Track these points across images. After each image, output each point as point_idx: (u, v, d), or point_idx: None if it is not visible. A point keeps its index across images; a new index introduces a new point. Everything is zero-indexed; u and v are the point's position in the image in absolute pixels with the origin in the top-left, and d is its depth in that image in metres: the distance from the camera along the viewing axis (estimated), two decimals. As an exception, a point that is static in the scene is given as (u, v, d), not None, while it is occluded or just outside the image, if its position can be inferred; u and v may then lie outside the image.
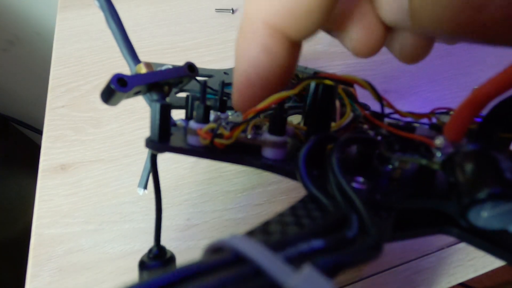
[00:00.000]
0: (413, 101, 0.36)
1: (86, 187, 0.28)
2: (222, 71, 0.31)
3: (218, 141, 0.13)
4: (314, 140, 0.12)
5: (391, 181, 0.12)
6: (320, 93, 0.13)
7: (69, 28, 0.47)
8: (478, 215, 0.09)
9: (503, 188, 0.09)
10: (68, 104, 0.35)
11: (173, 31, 0.43)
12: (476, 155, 0.10)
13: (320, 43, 0.41)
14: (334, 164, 0.11)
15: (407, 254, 0.23)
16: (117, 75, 0.13)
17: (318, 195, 0.11)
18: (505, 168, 0.09)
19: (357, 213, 0.09)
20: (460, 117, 0.11)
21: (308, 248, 0.08)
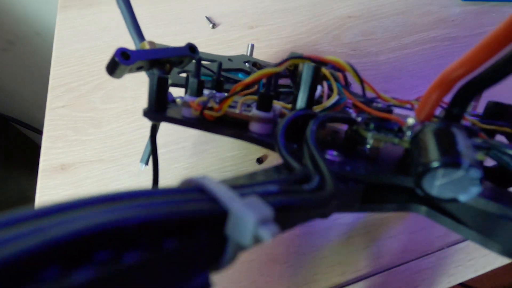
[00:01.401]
0: (413, 101, 0.36)
1: (86, 187, 0.28)
2: (227, 57, 0.31)
3: (208, 113, 0.15)
4: (294, 115, 0.13)
5: (365, 160, 0.13)
6: (302, 72, 0.14)
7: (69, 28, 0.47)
8: (432, 184, 0.10)
9: (452, 157, 0.09)
10: (68, 104, 0.35)
11: (173, 31, 0.43)
12: (436, 131, 0.11)
13: (320, 43, 0.41)
14: (309, 135, 0.12)
15: (407, 254, 0.23)
16: (121, 49, 0.14)
17: (289, 160, 0.11)
18: (459, 141, 0.10)
19: (321, 175, 0.10)
20: (429, 98, 0.12)
21: (262, 190, 0.08)
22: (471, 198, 0.10)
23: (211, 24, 0.46)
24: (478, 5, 0.49)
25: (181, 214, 0.07)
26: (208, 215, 0.07)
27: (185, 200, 0.07)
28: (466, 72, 0.11)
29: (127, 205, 0.06)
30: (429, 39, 0.43)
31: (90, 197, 0.06)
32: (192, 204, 0.07)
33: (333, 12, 0.47)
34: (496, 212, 0.11)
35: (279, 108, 0.16)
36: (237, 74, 0.30)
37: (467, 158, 0.10)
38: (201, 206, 0.07)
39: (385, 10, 0.49)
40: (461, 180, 0.10)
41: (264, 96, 0.14)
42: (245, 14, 0.48)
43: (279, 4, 0.51)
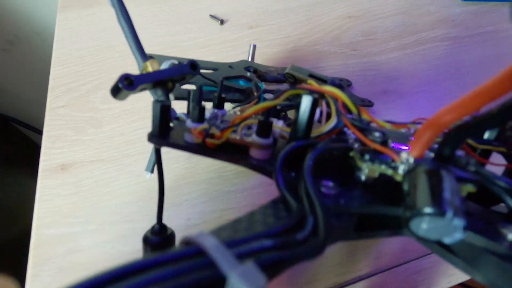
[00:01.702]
0: (413, 101, 0.36)
1: (86, 187, 0.28)
2: (227, 64, 0.31)
3: (209, 141, 0.15)
4: (291, 147, 0.14)
5: (360, 187, 0.14)
6: (301, 103, 0.15)
7: (69, 28, 0.47)
8: (419, 226, 0.11)
9: (438, 206, 0.10)
10: (68, 104, 0.35)
11: (173, 31, 0.43)
12: (426, 173, 0.12)
13: (320, 43, 0.41)
14: (306, 170, 0.13)
15: (407, 254, 0.23)
16: (125, 75, 0.14)
17: (287, 196, 0.12)
18: (446, 188, 0.11)
19: (315, 216, 0.11)
20: (421, 137, 0.12)
21: (258, 246, 0.09)
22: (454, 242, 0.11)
23: (218, 21, 0.46)
24: (478, 5, 0.49)
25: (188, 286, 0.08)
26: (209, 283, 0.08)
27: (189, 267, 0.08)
28: (457, 117, 0.11)
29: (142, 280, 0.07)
30: (429, 39, 0.43)
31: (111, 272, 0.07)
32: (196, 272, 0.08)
33: (333, 12, 0.47)
34: (481, 245, 0.12)
35: (278, 132, 0.16)
36: (238, 82, 0.30)
37: (451, 207, 0.10)
38: (204, 274, 0.08)
39: (385, 10, 0.49)
40: (446, 226, 0.11)
41: (263, 124, 0.15)
42: (245, 14, 0.48)
43: (279, 4, 0.51)
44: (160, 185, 0.18)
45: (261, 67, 0.32)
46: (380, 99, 0.35)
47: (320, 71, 0.38)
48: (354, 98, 0.34)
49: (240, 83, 0.30)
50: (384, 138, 0.14)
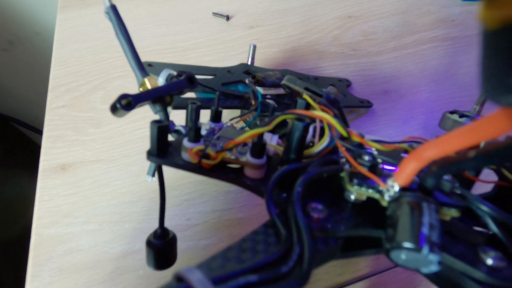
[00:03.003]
0: (413, 101, 0.36)
1: (86, 187, 0.28)
2: (226, 69, 0.31)
3: (205, 162, 0.16)
4: (281, 172, 0.15)
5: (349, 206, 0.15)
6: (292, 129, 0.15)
7: (69, 28, 0.47)
8: (398, 257, 0.12)
9: (415, 243, 0.11)
10: (68, 104, 0.35)
11: (173, 31, 0.43)
12: (408, 205, 0.12)
13: (320, 43, 0.41)
14: (294, 198, 0.13)
15: (407, 254, 0.23)
16: (123, 95, 0.15)
17: (277, 223, 0.13)
18: (425, 223, 0.12)
19: (301, 245, 0.12)
20: (405, 168, 0.13)
21: (244, 282, 0.10)
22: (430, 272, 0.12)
23: (224, 17, 0.46)
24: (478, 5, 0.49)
25: None
26: None
27: None
28: (439, 154, 0.12)
29: None
30: (429, 39, 0.43)
31: None
32: None
33: (333, 12, 0.47)
34: (460, 270, 0.12)
35: (272, 150, 0.17)
36: (237, 87, 0.29)
37: (428, 243, 0.11)
38: None
39: (385, 10, 0.49)
40: (422, 260, 0.11)
41: (257, 145, 0.15)
42: (245, 14, 0.48)
43: (279, 4, 0.51)
44: (161, 191, 0.18)
45: (259, 70, 0.31)
46: (380, 99, 0.35)
47: (320, 71, 0.38)
48: (353, 98, 0.34)
49: (239, 88, 0.29)
50: (373, 162, 0.15)
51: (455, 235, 0.14)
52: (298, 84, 0.21)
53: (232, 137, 0.17)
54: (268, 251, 0.12)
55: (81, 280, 0.23)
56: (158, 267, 0.19)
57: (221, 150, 0.16)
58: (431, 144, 0.12)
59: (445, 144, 0.12)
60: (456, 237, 0.14)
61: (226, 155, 0.16)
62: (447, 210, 0.14)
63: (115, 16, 0.20)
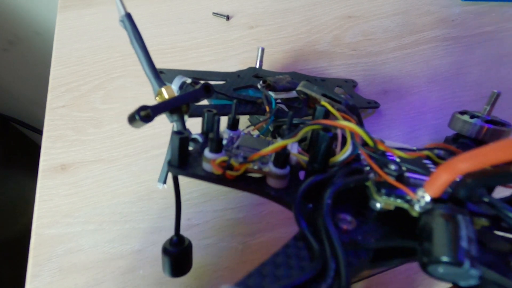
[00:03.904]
0: (413, 101, 0.36)
1: (86, 187, 0.28)
2: (236, 74, 0.31)
3: (229, 173, 0.16)
4: (308, 183, 0.15)
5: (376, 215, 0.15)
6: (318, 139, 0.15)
7: (69, 28, 0.47)
8: (435, 270, 0.12)
9: (455, 257, 0.11)
10: (68, 104, 0.35)
11: (173, 31, 0.42)
12: (443, 218, 0.12)
13: (320, 43, 0.41)
14: (325, 211, 0.13)
15: (407, 254, 0.23)
16: (142, 107, 0.14)
17: (309, 238, 0.13)
18: (462, 236, 0.12)
19: (336, 260, 0.12)
20: (439, 180, 0.13)
21: None
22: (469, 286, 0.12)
23: (224, 17, 0.46)
24: (478, 5, 0.49)
25: None
26: None
27: None
28: (473, 167, 0.12)
29: None
30: (429, 39, 0.43)
31: None
32: None
33: (333, 12, 0.47)
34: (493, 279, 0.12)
35: (295, 159, 0.17)
36: (248, 92, 0.29)
37: (468, 258, 0.11)
38: None
39: (385, 10, 0.49)
40: (462, 274, 0.11)
41: (281, 156, 0.15)
42: (245, 14, 0.48)
43: (279, 4, 0.51)
44: (177, 200, 0.18)
45: (268, 74, 0.31)
46: (380, 99, 0.35)
47: (320, 71, 0.38)
48: (360, 99, 0.34)
49: (250, 93, 0.29)
50: (400, 172, 0.14)
51: (485, 244, 0.14)
52: (315, 90, 0.21)
53: (252, 145, 0.17)
54: (302, 266, 0.12)
55: (81, 280, 0.23)
56: (174, 275, 0.18)
57: (245, 162, 0.16)
58: (466, 156, 0.12)
59: (481, 157, 0.11)
60: (485, 246, 0.14)
61: (249, 165, 0.16)
62: (477, 219, 0.13)
63: (130, 24, 0.20)
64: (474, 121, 0.23)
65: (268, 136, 0.23)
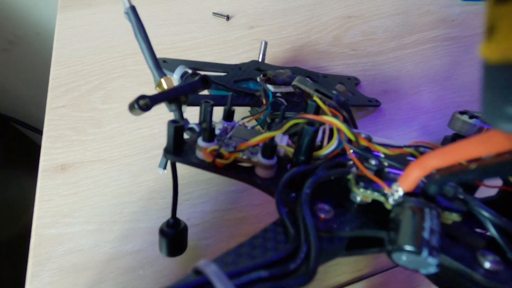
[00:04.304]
0: (413, 101, 0.36)
1: (86, 187, 0.28)
2: (238, 66, 0.31)
3: (218, 161, 0.17)
4: (291, 174, 0.16)
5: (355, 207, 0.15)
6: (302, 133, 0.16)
7: (69, 28, 0.47)
8: (399, 258, 0.13)
9: (416, 246, 0.12)
10: (68, 104, 0.35)
11: (173, 31, 0.43)
12: (411, 210, 0.13)
13: (320, 43, 0.41)
14: (303, 199, 0.14)
15: (407, 254, 0.23)
16: (141, 96, 0.15)
17: (286, 223, 0.14)
18: (426, 228, 0.13)
19: (308, 244, 0.13)
20: (410, 175, 0.14)
21: (255, 276, 0.11)
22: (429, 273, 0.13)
23: (224, 17, 0.46)
24: (478, 5, 0.49)
25: None
26: None
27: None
28: (442, 164, 0.13)
29: None
30: (429, 39, 0.43)
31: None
32: None
33: (333, 12, 0.47)
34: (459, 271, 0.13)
35: (283, 150, 0.18)
36: (248, 84, 0.30)
37: (427, 247, 0.12)
38: None
39: (385, 10, 0.49)
40: (422, 262, 0.12)
41: (268, 147, 0.16)
42: (245, 14, 0.48)
43: (279, 4, 0.51)
44: (174, 185, 0.19)
45: (270, 68, 0.31)
46: (380, 99, 0.35)
47: (320, 71, 0.38)
48: (361, 97, 0.34)
49: (250, 86, 0.29)
50: (380, 166, 0.16)
51: (457, 238, 0.14)
52: (309, 86, 0.21)
53: (244, 136, 0.18)
54: (277, 249, 0.13)
55: (81, 280, 0.23)
56: (170, 254, 0.20)
57: (234, 151, 0.17)
58: (435, 153, 0.13)
59: (448, 155, 0.12)
60: (457, 240, 0.14)
61: (239, 155, 0.17)
62: (449, 214, 0.14)
63: (134, 16, 0.20)
64: (473, 121, 0.23)
65: (265, 128, 0.24)
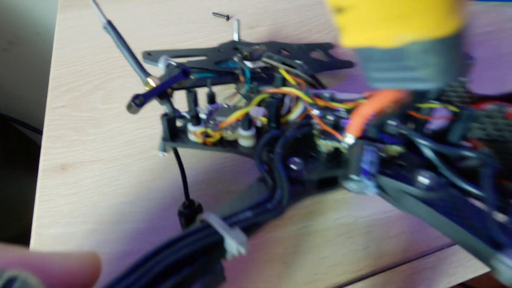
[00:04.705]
0: (413, 101, 0.36)
1: (86, 187, 0.28)
2: (217, 48, 0.34)
3: (208, 140, 0.21)
4: (265, 139, 0.19)
5: (323, 155, 0.19)
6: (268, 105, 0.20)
7: (69, 28, 0.47)
8: (350, 186, 0.17)
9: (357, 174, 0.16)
10: (68, 104, 0.35)
11: (173, 31, 0.43)
12: (356, 150, 0.17)
13: (320, 43, 0.41)
14: (275, 157, 0.18)
15: (407, 254, 0.23)
16: (136, 95, 0.19)
17: (265, 177, 0.17)
18: (367, 160, 0.17)
19: (282, 189, 0.16)
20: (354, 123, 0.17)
21: (242, 217, 0.15)
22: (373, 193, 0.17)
23: (224, 17, 0.46)
24: (478, 5, 0.49)
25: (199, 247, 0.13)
26: (215, 242, 0.14)
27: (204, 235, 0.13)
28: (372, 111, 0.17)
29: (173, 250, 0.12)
30: (429, 39, 0.43)
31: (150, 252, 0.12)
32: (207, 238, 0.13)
33: (333, 12, 0.47)
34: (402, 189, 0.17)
35: (260, 122, 0.21)
36: (228, 64, 0.32)
37: (366, 174, 0.16)
38: (212, 238, 0.13)
39: (385, 10, 0.49)
40: (365, 186, 0.17)
41: (244, 121, 0.20)
42: (245, 14, 0.48)
43: (279, 4, 0.51)
44: (181, 168, 0.23)
45: (246, 46, 0.34)
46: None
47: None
48: (335, 60, 0.36)
49: (229, 65, 0.32)
50: (336, 120, 0.19)
51: (404, 165, 0.18)
52: (275, 59, 0.25)
53: (227, 115, 0.21)
54: (259, 196, 0.16)
55: (81, 280, 0.23)
56: None
57: (218, 130, 0.20)
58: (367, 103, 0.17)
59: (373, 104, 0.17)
60: (404, 167, 0.18)
61: (223, 132, 0.21)
62: (392, 147, 0.18)
63: (112, 30, 0.23)
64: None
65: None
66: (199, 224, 0.14)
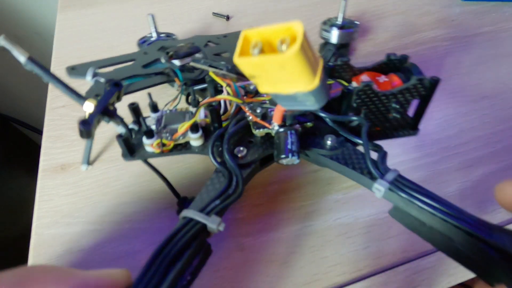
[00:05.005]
0: (413, 101, 0.36)
1: (86, 187, 0.28)
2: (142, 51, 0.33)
3: (165, 149, 0.23)
4: (213, 137, 0.22)
5: (260, 141, 0.23)
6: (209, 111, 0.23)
7: (69, 28, 0.47)
8: (282, 161, 0.21)
9: (285, 154, 0.21)
10: (68, 104, 0.35)
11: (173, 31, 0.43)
12: (281, 134, 0.22)
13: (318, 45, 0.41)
14: (224, 150, 0.22)
15: (407, 254, 0.23)
16: (81, 121, 0.19)
17: (221, 170, 0.21)
18: (289, 142, 0.21)
19: (236, 176, 0.20)
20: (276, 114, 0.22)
21: (214, 205, 0.19)
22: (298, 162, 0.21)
23: (224, 17, 0.46)
24: (478, 5, 0.49)
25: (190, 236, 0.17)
26: (200, 230, 0.18)
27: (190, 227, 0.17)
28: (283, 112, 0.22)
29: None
30: (429, 39, 0.43)
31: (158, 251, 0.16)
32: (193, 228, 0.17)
33: (333, 12, 0.47)
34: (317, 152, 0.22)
35: (204, 123, 0.24)
36: (156, 65, 0.32)
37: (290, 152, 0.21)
38: (196, 227, 0.17)
39: (385, 10, 0.49)
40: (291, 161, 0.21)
41: (192, 127, 0.23)
42: (245, 14, 0.48)
43: (279, 4, 0.51)
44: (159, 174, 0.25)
45: (171, 45, 0.34)
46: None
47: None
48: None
49: (158, 66, 0.32)
50: (263, 111, 0.23)
51: (316, 134, 0.23)
52: (202, 63, 0.26)
53: (174, 121, 0.24)
54: (221, 185, 0.20)
55: (81, 280, 0.23)
56: None
57: (172, 140, 0.23)
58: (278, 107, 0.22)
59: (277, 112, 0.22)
60: (316, 135, 0.23)
61: (177, 140, 0.23)
62: (306, 124, 0.23)
63: (35, 65, 0.23)
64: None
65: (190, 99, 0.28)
66: (183, 221, 0.18)
